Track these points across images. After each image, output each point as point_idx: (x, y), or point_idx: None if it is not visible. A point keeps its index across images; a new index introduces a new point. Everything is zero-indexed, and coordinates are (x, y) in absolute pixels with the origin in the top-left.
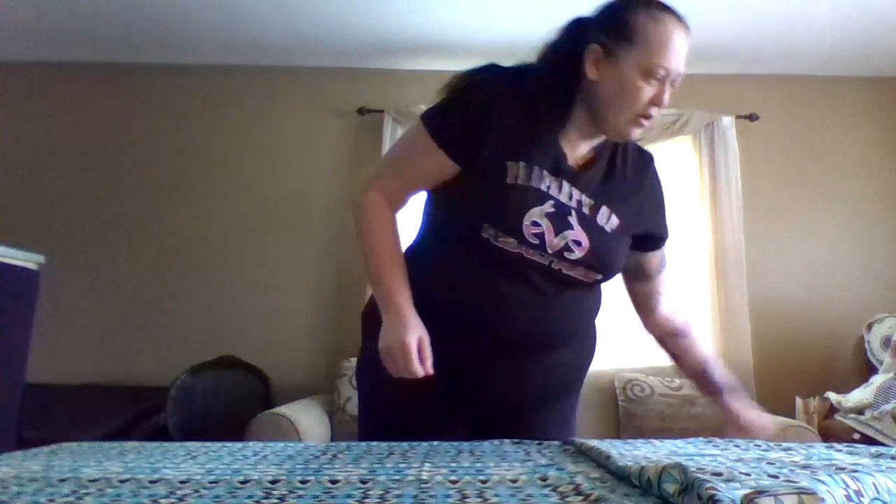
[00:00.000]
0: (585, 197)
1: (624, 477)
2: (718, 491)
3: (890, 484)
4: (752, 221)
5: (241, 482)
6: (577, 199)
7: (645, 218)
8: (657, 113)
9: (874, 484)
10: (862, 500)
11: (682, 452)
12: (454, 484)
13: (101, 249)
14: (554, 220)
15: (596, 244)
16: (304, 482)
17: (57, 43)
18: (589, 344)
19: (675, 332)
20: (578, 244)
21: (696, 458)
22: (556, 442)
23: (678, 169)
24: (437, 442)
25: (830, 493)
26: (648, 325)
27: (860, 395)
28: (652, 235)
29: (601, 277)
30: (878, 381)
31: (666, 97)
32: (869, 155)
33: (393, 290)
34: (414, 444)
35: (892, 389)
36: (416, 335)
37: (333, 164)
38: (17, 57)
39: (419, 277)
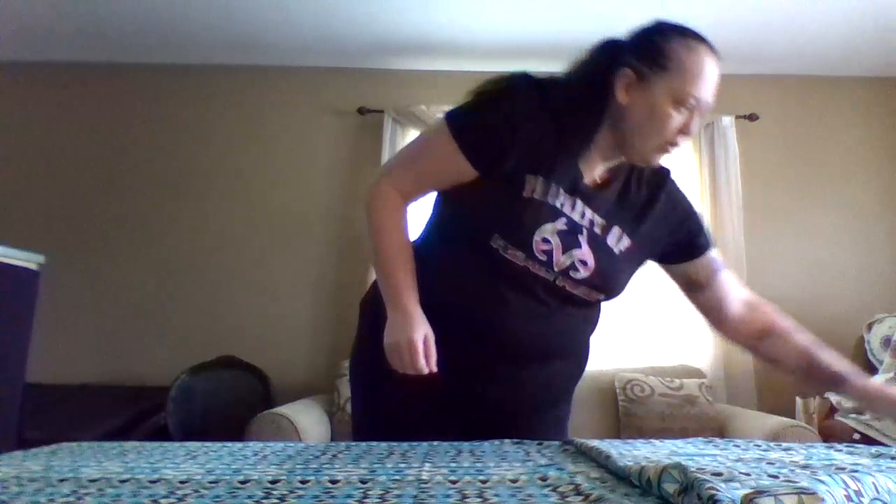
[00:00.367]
0: (598, 217)
1: (624, 477)
2: (718, 491)
3: (890, 484)
4: (752, 221)
5: (241, 482)
6: (589, 218)
7: (664, 235)
8: (683, 142)
9: (874, 484)
10: (862, 500)
11: (682, 452)
12: (454, 484)
13: (101, 249)
14: (564, 238)
15: (602, 265)
16: (304, 482)
17: (57, 43)
18: (583, 357)
19: (758, 334)
20: (584, 264)
21: (696, 458)
22: (556, 442)
23: (678, 169)
24: (436, 442)
25: (830, 493)
26: (727, 335)
27: None
28: (683, 247)
29: (603, 297)
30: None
31: (695, 127)
32: (868, 155)
33: (401, 286)
34: (414, 444)
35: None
36: (422, 333)
37: (333, 164)
38: (17, 57)
39: (424, 275)
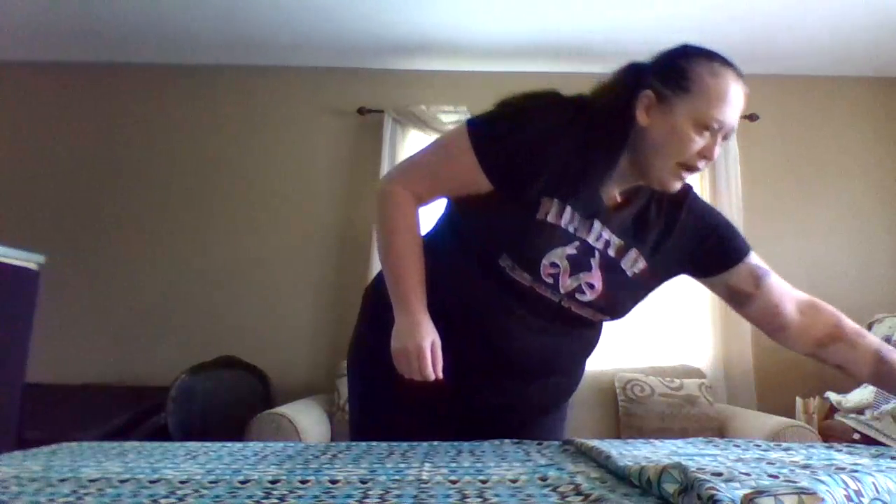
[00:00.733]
0: (615, 238)
1: (624, 477)
2: (718, 491)
3: (890, 484)
4: (752, 221)
5: (241, 482)
6: (605, 239)
7: (690, 251)
8: (704, 166)
9: (874, 484)
10: (862, 500)
11: (682, 452)
12: (454, 484)
13: (101, 249)
14: (573, 261)
15: (609, 288)
16: (304, 482)
17: (57, 43)
18: (580, 374)
19: (822, 340)
20: (591, 287)
21: (696, 458)
22: (556, 442)
23: None
24: (436, 442)
25: (830, 493)
26: (789, 344)
27: (860, 395)
28: (716, 257)
29: (609, 319)
30: None
31: (717, 151)
32: (869, 155)
33: (410, 291)
34: (414, 444)
35: None
36: (430, 339)
37: (333, 164)
38: (17, 57)
39: (430, 274)
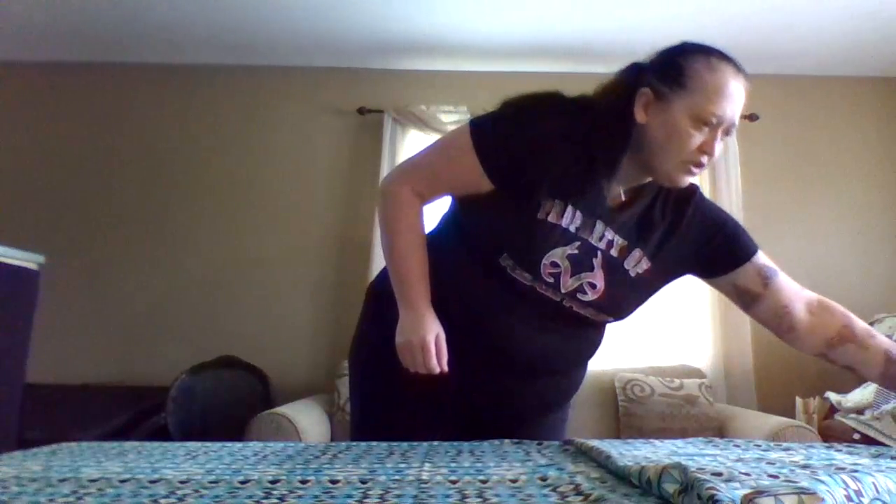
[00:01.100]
0: (619, 238)
1: (624, 477)
2: (718, 491)
3: (890, 484)
4: (752, 221)
5: (241, 482)
6: (608, 239)
7: (695, 251)
8: (708, 161)
9: (874, 484)
10: (862, 500)
11: (682, 452)
12: (454, 484)
13: (101, 249)
14: (575, 261)
15: (611, 288)
16: (304, 482)
17: (57, 43)
18: (582, 374)
19: (831, 341)
20: (593, 287)
21: (696, 458)
22: (556, 442)
23: None
24: (436, 442)
25: (830, 493)
26: (797, 345)
27: (860, 395)
28: (722, 257)
29: (611, 319)
30: None
31: (718, 146)
32: (869, 155)
33: (414, 287)
34: (414, 444)
35: None
36: (434, 333)
37: (333, 164)
38: (17, 57)
39: (433, 271)
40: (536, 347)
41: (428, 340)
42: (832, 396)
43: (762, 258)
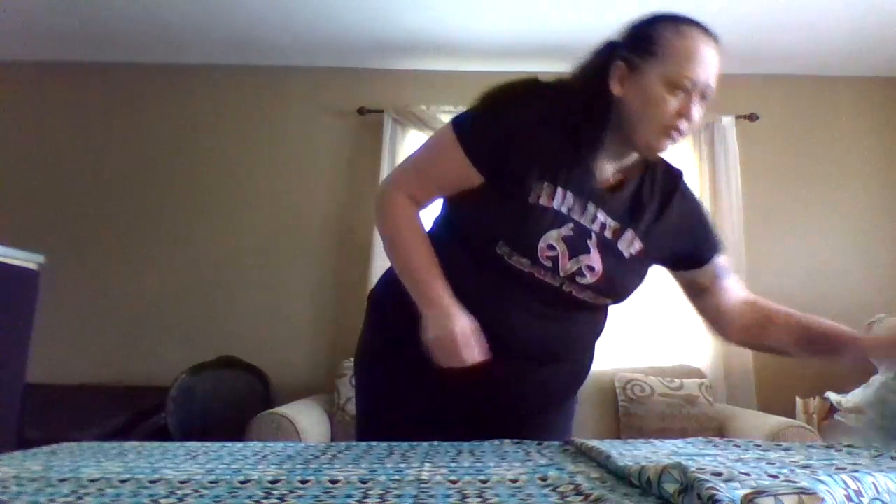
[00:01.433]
0: (611, 220)
1: (624, 477)
2: (718, 491)
3: (890, 484)
4: (752, 221)
5: (241, 482)
6: (601, 221)
7: (675, 240)
8: (687, 126)
9: (874, 484)
10: (862, 500)
11: (682, 452)
12: (454, 484)
13: (101, 249)
14: (570, 243)
15: (610, 270)
16: (304, 482)
17: (57, 43)
18: (589, 360)
19: (756, 330)
20: (591, 269)
21: (696, 458)
22: (556, 442)
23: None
24: (437, 442)
25: (830, 493)
26: (727, 337)
27: (860, 395)
28: (692, 255)
29: (611, 302)
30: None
31: (695, 110)
32: (869, 155)
33: (430, 283)
34: (414, 444)
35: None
36: (462, 324)
37: (333, 163)
38: (17, 57)
39: None
40: (539, 334)
41: (456, 332)
42: (832, 396)
43: (721, 257)
